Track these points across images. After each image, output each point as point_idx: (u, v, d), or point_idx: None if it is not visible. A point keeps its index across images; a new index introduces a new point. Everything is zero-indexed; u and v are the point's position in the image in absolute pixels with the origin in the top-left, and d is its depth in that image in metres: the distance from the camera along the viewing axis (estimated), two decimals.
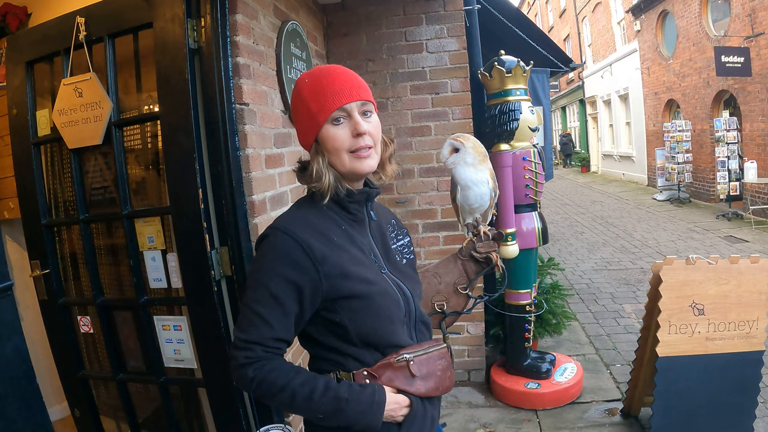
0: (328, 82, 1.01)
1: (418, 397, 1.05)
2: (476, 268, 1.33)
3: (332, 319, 1.01)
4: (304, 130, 1.05)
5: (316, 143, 1.03)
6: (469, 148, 1.29)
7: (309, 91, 1.01)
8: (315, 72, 1.05)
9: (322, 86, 1.00)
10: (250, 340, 0.97)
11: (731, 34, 8.36)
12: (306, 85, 1.02)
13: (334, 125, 1.00)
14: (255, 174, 1.85)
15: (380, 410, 0.99)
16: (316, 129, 1.01)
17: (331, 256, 0.98)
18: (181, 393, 2.18)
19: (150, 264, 1.91)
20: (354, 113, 1.01)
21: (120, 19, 1.86)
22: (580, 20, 17.69)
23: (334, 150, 1.01)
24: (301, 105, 1.03)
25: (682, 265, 2.43)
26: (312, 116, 1.01)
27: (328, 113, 0.99)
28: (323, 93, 1.00)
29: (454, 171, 1.33)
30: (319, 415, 0.98)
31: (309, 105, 1.01)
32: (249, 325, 0.98)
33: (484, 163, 1.32)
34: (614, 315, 4.45)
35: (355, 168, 1.02)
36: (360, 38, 2.92)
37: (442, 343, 1.14)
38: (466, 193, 1.33)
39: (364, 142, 1.01)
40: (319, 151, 1.02)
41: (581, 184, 15.08)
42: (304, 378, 0.98)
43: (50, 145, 2.13)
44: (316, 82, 1.01)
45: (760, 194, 7.80)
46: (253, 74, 1.89)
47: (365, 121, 1.02)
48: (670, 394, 2.43)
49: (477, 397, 3.11)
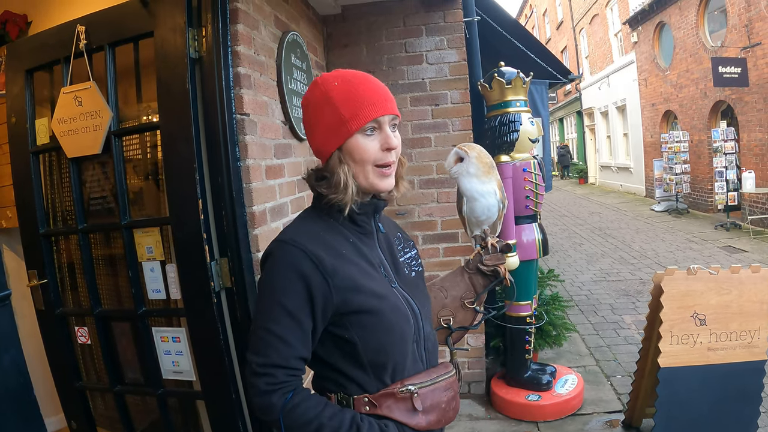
0: (365, 89, 0.97)
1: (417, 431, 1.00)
2: (483, 281, 1.29)
3: (341, 336, 0.97)
4: (326, 134, 0.98)
5: (340, 151, 0.98)
6: (473, 158, 1.26)
7: (341, 95, 0.96)
8: (346, 76, 1.00)
9: (358, 93, 0.96)
10: (269, 363, 0.93)
11: (728, 44, 8.44)
12: (336, 88, 0.97)
13: (366, 135, 0.97)
14: (255, 185, 1.84)
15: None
16: (345, 136, 0.96)
17: (341, 269, 0.95)
18: (179, 405, 2.15)
19: (149, 275, 1.89)
20: (385, 126, 0.98)
21: (121, 28, 1.86)
22: (578, 32, 17.85)
23: (361, 161, 0.97)
24: (328, 108, 0.97)
25: (684, 275, 2.43)
26: (342, 122, 0.96)
27: (363, 122, 0.95)
28: (359, 100, 0.96)
29: (459, 182, 1.31)
30: None
31: (340, 110, 0.96)
32: (266, 347, 0.93)
33: (491, 174, 1.29)
34: (614, 326, 4.43)
35: (375, 184, 1.00)
36: (360, 49, 2.93)
37: (451, 369, 1.10)
38: (473, 205, 1.30)
39: (392, 157, 0.99)
40: (343, 161, 0.98)
41: (579, 196, 15.11)
42: (332, 411, 0.95)
43: (49, 154, 2.12)
44: (349, 87, 0.97)
45: (758, 204, 7.83)
46: (254, 84, 1.89)
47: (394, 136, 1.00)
48: (672, 405, 2.41)
49: (477, 410, 3.08)
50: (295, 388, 0.95)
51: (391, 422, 0.98)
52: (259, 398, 0.94)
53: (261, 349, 0.94)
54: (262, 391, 0.93)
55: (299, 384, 0.96)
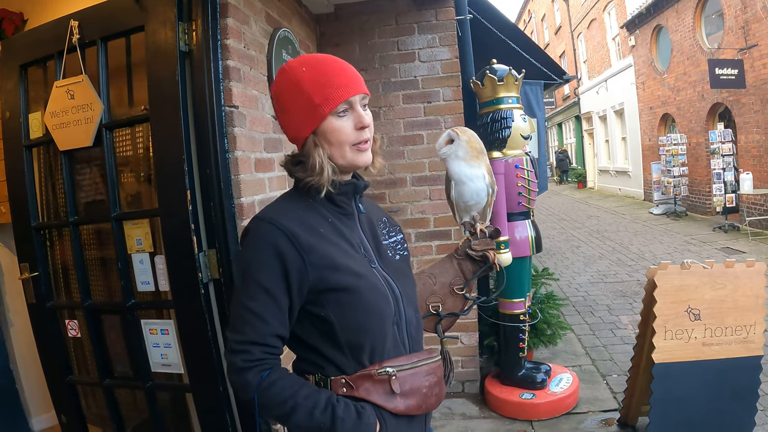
0: (332, 72, 0.98)
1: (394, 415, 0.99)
2: (473, 267, 1.28)
3: (318, 314, 0.96)
4: (299, 121, 0.99)
5: (314, 135, 0.99)
6: (463, 141, 1.25)
7: (310, 80, 0.97)
8: (311, 61, 1.00)
9: (327, 76, 0.97)
10: (246, 340, 0.93)
11: (725, 46, 8.47)
12: (305, 74, 0.98)
13: (339, 117, 0.98)
14: (244, 177, 1.85)
15: None
16: (318, 120, 0.97)
17: (318, 247, 0.95)
18: (169, 399, 2.14)
19: (138, 267, 1.89)
20: (357, 106, 0.99)
21: (113, 23, 1.88)
22: (576, 37, 17.94)
23: (338, 143, 0.98)
24: (299, 95, 0.98)
25: (677, 269, 2.41)
26: (314, 107, 0.96)
27: (335, 105, 0.96)
28: (328, 84, 0.96)
29: (447, 164, 1.29)
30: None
31: (311, 96, 0.96)
32: (243, 324, 0.93)
33: (480, 158, 1.27)
34: (611, 326, 4.42)
35: (355, 161, 1.00)
36: (353, 48, 2.95)
37: (436, 355, 1.08)
38: (461, 189, 1.28)
39: (366, 135, 1.00)
40: (318, 144, 0.98)
41: (578, 200, 15.11)
42: (308, 392, 0.94)
43: (43, 148, 2.14)
44: (318, 72, 0.98)
45: (756, 205, 7.82)
46: (243, 78, 1.90)
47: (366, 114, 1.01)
48: (667, 402, 2.39)
49: (471, 409, 3.07)
50: (271, 367, 0.94)
51: (368, 404, 0.97)
52: (236, 375, 0.93)
53: (238, 327, 0.94)
54: (238, 368, 0.92)
55: (276, 363, 0.96)
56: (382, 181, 3.03)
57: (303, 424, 0.93)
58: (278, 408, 0.93)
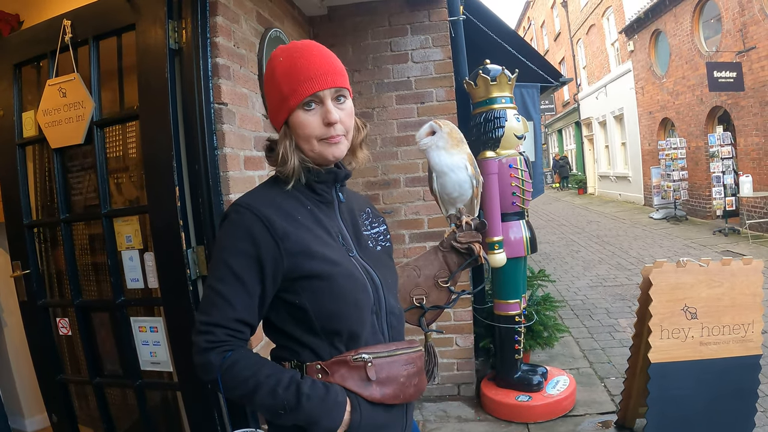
0: (303, 64, 0.96)
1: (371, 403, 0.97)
2: (458, 260, 1.27)
3: (292, 302, 0.96)
4: (274, 110, 1.02)
5: (286, 126, 0.99)
6: (444, 133, 1.25)
7: (282, 71, 0.97)
8: (290, 49, 1.00)
9: (297, 68, 0.96)
10: (211, 322, 0.93)
11: (723, 49, 8.50)
12: (280, 64, 0.98)
13: (306, 111, 0.97)
14: (233, 173, 1.85)
15: (341, 411, 0.94)
16: (286, 113, 0.98)
17: (293, 234, 0.95)
18: (159, 398, 2.13)
19: (127, 264, 1.89)
20: (327, 100, 0.97)
21: (105, 21, 1.89)
22: (575, 43, 18.02)
23: (305, 136, 0.98)
24: (273, 84, 0.99)
25: (673, 267, 2.39)
26: (283, 98, 0.97)
27: (300, 98, 0.95)
28: (296, 76, 0.96)
29: (428, 156, 1.28)
30: (280, 411, 0.92)
31: (281, 86, 0.97)
32: (210, 306, 0.94)
33: (460, 147, 1.26)
34: (609, 329, 4.39)
35: (323, 153, 0.99)
36: (346, 49, 2.96)
37: (417, 345, 1.07)
38: (443, 180, 1.27)
39: (335, 131, 0.98)
40: (287, 134, 0.99)
41: (578, 206, 15.09)
42: (271, 370, 0.94)
43: (39, 146, 2.15)
44: (290, 62, 0.97)
45: (756, 208, 7.80)
46: (232, 76, 1.91)
47: (338, 108, 0.98)
48: (664, 402, 2.36)
49: (467, 411, 3.04)
50: (234, 348, 0.94)
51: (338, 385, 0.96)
52: (198, 356, 0.93)
53: (204, 308, 0.95)
54: (201, 349, 0.93)
55: (240, 345, 0.95)
56: (376, 182, 3.03)
57: (266, 402, 0.92)
58: (240, 388, 0.93)
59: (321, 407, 0.92)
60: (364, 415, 0.96)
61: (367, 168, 3.01)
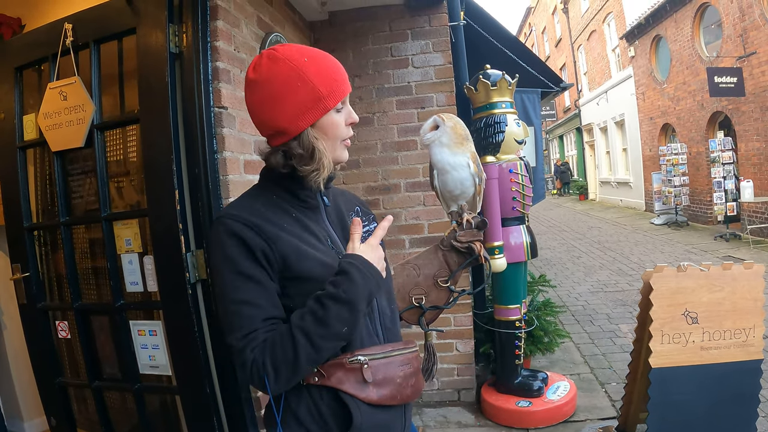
0: (332, 66, 0.98)
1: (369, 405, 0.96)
2: (458, 259, 1.25)
3: (286, 305, 0.95)
4: (299, 111, 0.95)
5: (312, 128, 0.96)
6: (448, 128, 1.22)
7: (314, 72, 0.95)
8: (309, 53, 0.98)
9: (331, 70, 0.97)
10: (245, 334, 0.88)
11: (724, 55, 8.51)
12: (308, 65, 0.95)
13: (337, 112, 0.98)
14: (232, 177, 1.85)
15: (367, 265, 0.93)
16: (322, 113, 0.96)
17: (283, 237, 0.94)
18: (158, 402, 2.12)
19: (127, 267, 1.89)
20: (347, 102, 1.01)
21: (106, 25, 1.91)
22: (576, 49, 18.06)
23: (333, 137, 0.98)
24: (302, 85, 0.94)
25: (674, 272, 2.38)
26: (319, 99, 0.94)
27: (339, 99, 0.97)
28: (333, 77, 0.96)
29: (430, 151, 1.26)
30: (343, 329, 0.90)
31: (317, 87, 0.94)
32: (238, 319, 0.89)
33: (464, 145, 1.24)
34: (610, 335, 4.37)
35: (340, 156, 1.01)
36: (347, 54, 2.97)
37: (413, 345, 1.06)
38: (444, 178, 1.25)
39: (352, 132, 1.03)
40: (318, 137, 0.97)
41: (579, 212, 15.08)
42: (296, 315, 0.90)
43: (38, 149, 2.16)
44: (320, 64, 0.96)
45: (757, 213, 7.78)
46: (233, 80, 1.92)
47: None
48: (665, 407, 2.35)
49: (467, 417, 3.02)
50: None
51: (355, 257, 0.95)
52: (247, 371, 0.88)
53: (235, 324, 0.90)
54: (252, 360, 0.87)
55: None
56: (376, 187, 3.03)
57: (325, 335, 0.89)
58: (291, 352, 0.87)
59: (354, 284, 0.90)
60: (364, 416, 0.95)
61: (368, 173, 3.02)
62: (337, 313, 0.89)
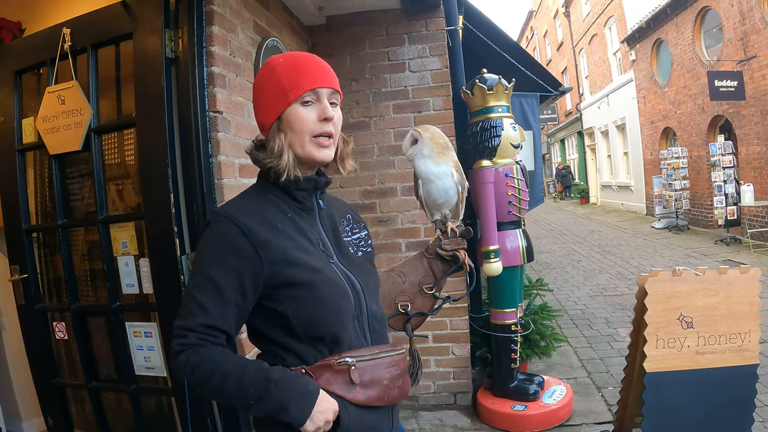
0: (305, 63, 1.01)
1: (357, 406, 0.98)
2: (443, 266, 1.28)
3: (274, 309, 0.97)
4: (267, 106, 1.01)
5: (279, 121, 1.00)
6: (426, 139, 1.25)
7: (284, 68, 1.00)
8: (292, 54, 1.05)
9: (299, 66, 1.00)
10: (185, 326, 0.93)
11: (724, 58, 8.52)
12: (280, 63, 1.01)
13: (303, 106, 0.99)
14: (227, 181, 1.87)
15: (311, 400, 0.93)
16: (284, 106, 0.99)
17: (273, 242, 0.96)
18: (154, 403, 2.14)
19: (123, 269, 1.91)
20: (323, 98, 1.00)
21: (103, 30, 1.93)
22: (577, 52, 18.08)
23: (299, 131, 0.99)
24: (271, 81, 1.01)
25: (668, 276, 2.38)
26: (282, 92, 0.99)
27: (301, 92, 0.98)
28: (299, 72, 0.99)
29: (414, 164, 1.29)
30: (250, 401, 0.91)
31: (281, 81, 0.99)
32: (187, 312, 0.94)
33: (446, 154, 1.27)
34: (608, 339, 4.37)
35: (312, 154, 1.01)
36: (344, 59, 2.99)
37: (399, 348, 1.08)
38: (428, 187, 1.28)
39: (328, 128, 1.00)
40: (281, 129, 1.00)
41: (580, 215, 15.07)
42: (237, 362, 0.94)
43: (37, 152, 2.18)
44: (292, 62, 1.01)
45: (757, 218, 7.77)
46: (228, 84, 1.94)
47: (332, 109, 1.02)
48: (660, 412, 2.35)
49: (463, 421, 3.03)
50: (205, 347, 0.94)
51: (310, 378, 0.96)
52: (173, 359, 0.94)
53: (183, 313, 0.95)
54: (174, 352, 0.93)
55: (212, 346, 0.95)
56: (373, 190, 3.04)
57: (234, 393, 0.92)
58: (209, 383, 0.92)
59: (289, 393, 0.92)
60: (352, 417, 0.97)
61: (364, 177, 3.03)
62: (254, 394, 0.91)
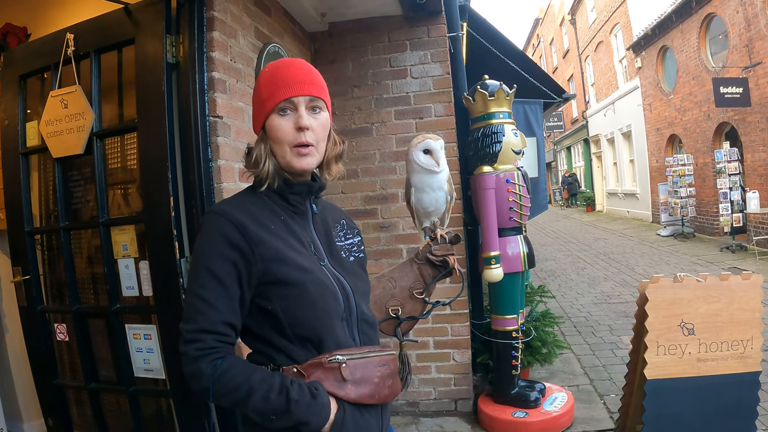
0: (283, 73, 1.03)
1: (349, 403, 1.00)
2: (433, 272, 1.30)
3: (265, 307, 0.99)
4: (255, 115, 1.07)
5: (263, 130, 1.04)
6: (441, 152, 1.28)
7: (265, 78, 1.04)
8: (278, 62, 1.08)
9: (277, 76, 1.03)
10: (198, 329, 0.93)
11: (730, 65, 8.49)
12: (264, 73, 1.05)
13: (280, 116, 1.01)
14: (227, 185, 1.88)
15: (327, 412, 0.96)
16: (263, 117, 1.03)
17: (266, 240, 0.98)
18: (154, 405, 2.15)
19: (123, 272, 1.92)
20: (300, 107, 1.02)
21: (106, 35, 1.96)
22: (583, 60, 18.09)
23: (277, 140, 1.02)
24: (256, 90, 1.06)
25: (670, 282, 2.36)
26: (261, 102, 1.03)
27: (275, 102, 1.01)
28: (275, 82, 1.02)
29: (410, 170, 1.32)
30: (271, 416, 0.94)
31: (261, 91, 1.03)
32: (195, 313, 0.94)
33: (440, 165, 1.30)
34: (611, 347, 4.34)
35: (291, 163, 1.03)
36: (346, 65, 3.01)
37: (390, 349, 1.10)
38: (420, 196, 1.32)
39: (305, 137, 1.01)
40: (264, 139, 1.04)
41: (586, 223, 15.02)
42: (262, 376, 0.95)
43: (41, 155, 2.21)
44: (273, 71, 1.04)
45: (763, 225, 7.71)
46: (228, 89, 1.96)
47: (312, 117, 1.03)
48: (661, 420, 2.33)
49: (463, 427, 3.01)
50: (224, 355, 0.95)
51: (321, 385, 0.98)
52: (189, 366, 0.93)
53: (189, 316, 0.95)
54: (192, 358, 0.93)
55: (229, 351, 0.97)
56: (374, 196, 3.05)
57: (259, 408, 0.94)
58: (233, 394, 0.94)
59: (309, 410, 0.95)
60: (347, 413, 0.99)
61: (366, 182, 3.04)
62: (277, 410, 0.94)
